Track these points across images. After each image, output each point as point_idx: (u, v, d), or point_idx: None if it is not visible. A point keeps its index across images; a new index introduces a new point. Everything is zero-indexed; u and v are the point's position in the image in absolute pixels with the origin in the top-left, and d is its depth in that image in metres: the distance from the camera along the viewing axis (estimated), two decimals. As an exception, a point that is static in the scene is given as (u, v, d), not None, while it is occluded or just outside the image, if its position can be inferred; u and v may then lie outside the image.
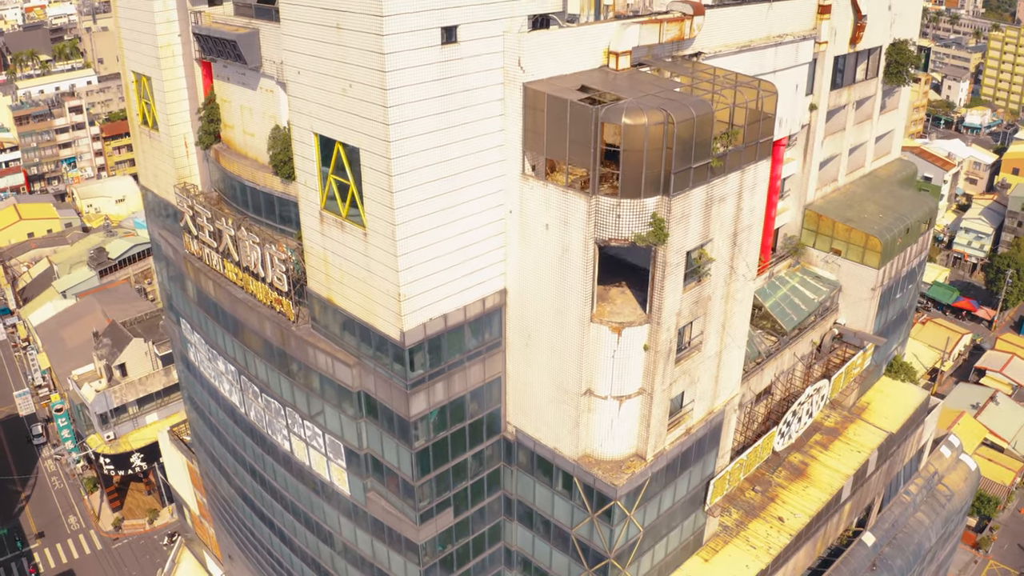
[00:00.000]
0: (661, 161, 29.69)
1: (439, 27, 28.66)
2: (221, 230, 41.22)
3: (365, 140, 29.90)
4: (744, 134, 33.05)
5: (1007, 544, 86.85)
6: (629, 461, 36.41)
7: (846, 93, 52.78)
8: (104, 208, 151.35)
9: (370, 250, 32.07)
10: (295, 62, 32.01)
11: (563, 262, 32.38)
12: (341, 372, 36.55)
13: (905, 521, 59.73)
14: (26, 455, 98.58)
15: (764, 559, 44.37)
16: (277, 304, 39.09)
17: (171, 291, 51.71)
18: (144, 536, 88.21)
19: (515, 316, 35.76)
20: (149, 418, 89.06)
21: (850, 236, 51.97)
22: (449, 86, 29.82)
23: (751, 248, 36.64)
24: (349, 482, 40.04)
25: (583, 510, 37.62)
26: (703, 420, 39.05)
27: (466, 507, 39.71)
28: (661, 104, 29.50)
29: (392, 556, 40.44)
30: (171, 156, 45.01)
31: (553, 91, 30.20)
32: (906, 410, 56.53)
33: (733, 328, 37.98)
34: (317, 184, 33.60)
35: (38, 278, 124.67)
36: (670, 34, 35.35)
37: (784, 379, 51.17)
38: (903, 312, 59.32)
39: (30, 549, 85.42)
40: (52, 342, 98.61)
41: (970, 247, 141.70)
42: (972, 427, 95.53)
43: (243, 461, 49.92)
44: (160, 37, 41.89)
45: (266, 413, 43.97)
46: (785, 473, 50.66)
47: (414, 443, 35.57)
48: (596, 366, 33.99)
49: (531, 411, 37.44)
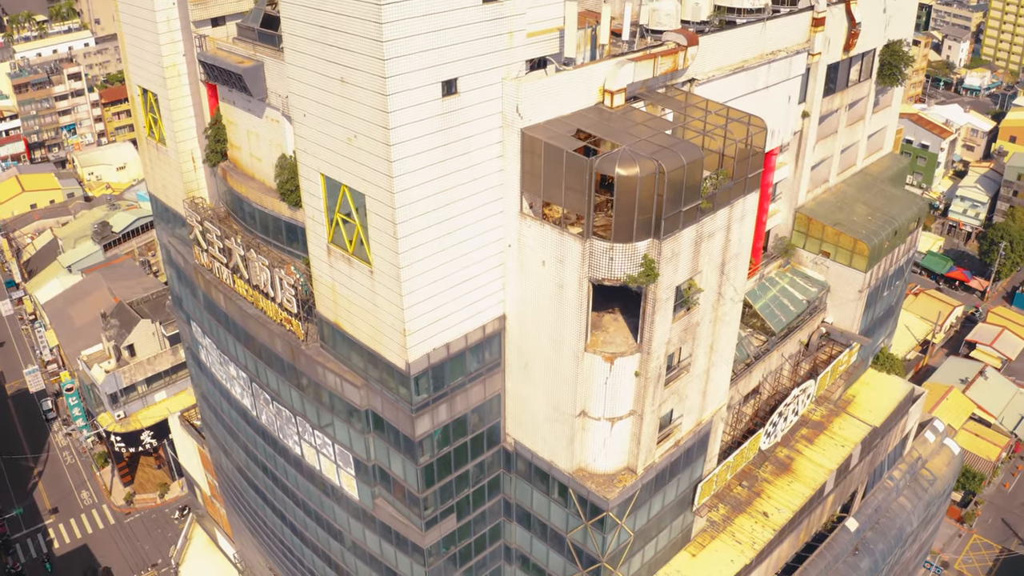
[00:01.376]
0: (652, 207, 31.24)
1: (440, 82, 29.95)
2: (231, 249, 42.82)
3: (370, 188, 31.40)
4: (733, 171, 34.49)
5: (991, 519, 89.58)
6: (621, 475, 38.63)
7: (839, 98, 53.77)
8: (105, 176, 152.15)
9: (376, 286, 33.78)
10: (301, 105, 33.30)
11: (559, 297, 34.14)
12: (349, 392, 38.54)
13: (888, 506, 62.24)
14: (38, 431, 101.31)
15: (748, 554, 46.93)
16: (287, 323, 40.91)
17: (181, 294, 53.43)
18: (155, 510, 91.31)
19: (514, 340, 37.63)
20: (158, 396, 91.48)
21: (839, 240, 53.52)
22: (450, 134, 31.21)
23: (739, 273, 38.34)
24: (358, 488, 42.34)
25: (577, 517, 39.97)
26: (691, 432, 41.21)
27: (468, 511, 42.09)
28: (653, 152, 30.92)
29: (399, 556, 42.94)
30: (179, 171, 46.31)
31: (550, 138, 31.59)
32: (890, 403, 58.62)
33: (721, 347, 39.88)
34: (324, 219, 35.14)
35: (42, 250, 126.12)
36: (664, 67, 36.54)
37: (772, 378, 53.24)
38: (890, 308, 61.16)
39: (44, 525, 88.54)
40: (60, 320, 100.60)
41: (965, 215, 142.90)
42: (960, 402, 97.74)
43: (255, 458, 52.21)
44: (165, 58, 42.84)
45: (277, 419, 46.10)
46: (771, 468, 53.00)
47: (419, 459, 37.74)
48: (590, 391, 35.98)
49: (529, 426, 39.55)
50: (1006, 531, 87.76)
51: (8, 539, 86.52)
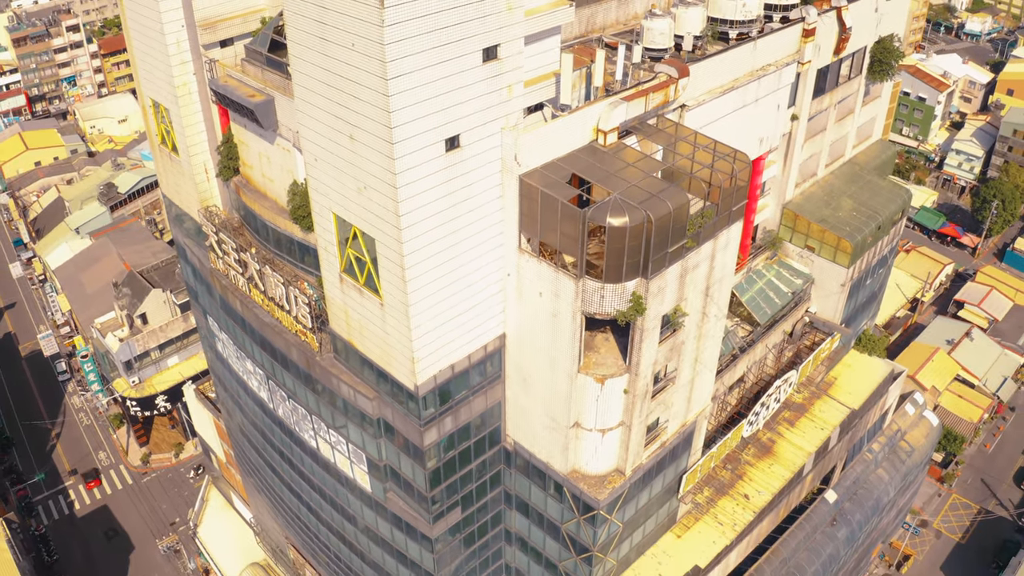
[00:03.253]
0: (641, 251, 33.84)
1: (443, 139, 32.19)
2: (246, 262, 45.41)
3: (380, 233, 33.93)
4: (718, 207, 36.89)
5: (970, 479, 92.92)
6: (611, 476, 42.14)
7: (828, 98, 55.26)
8: (107, 129, 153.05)
9: (386, 316, 36.59)
10: (312, 151, 35.54)
11: (554, 325, 36.99)
12: (362, 402, 41.73)
13: (866, 478, 65.90)
14: (53, 393, 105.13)
15: (729, 535, 50.89)
16: (302, 335, 43.81)
17: (197, 290, 56.15)
18: (171, 470, 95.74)
19: (513, 357, 40.64)
20: (171, 361, 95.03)
21: (823, 237, 55.98)
22: (453, 184, 33.59)
23: (723, 294, 41.07)
24: (370, 483, 45.92)
25: (571, 512, 43.64)
26: (677, 433, 44.58)
27: (472, 503, 45.80)
28: (642, 200, 33.32)
29: (409, 543, 46.82)
30: (192, 181, 48.52)
31: (546, 186, 33.97)
32: (870, 385, 61.77)
33: (705, 358, 42.91)
34: (336, 252, 37.71)
35: (48, 208, 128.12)
36: (655, 102, 38.58)
37: (756, 368, 56.41)
38: (873, 294, 63.97)
39: (65, 486, 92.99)
40: (72, 286, 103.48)
41: (960, 168, 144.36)
42: (946, 363, 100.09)
43: (272, 443, 55.74)
44: (176, 78, 44.54)
45: (293, 414, 49.41)
46: (753, 450, 56.61)
47: (427, 464, 41.18)
48: (583, 406, 39.16)
49: (527, 431, 42.87)
50: (985, 491, 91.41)
51: (31, 502, 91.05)
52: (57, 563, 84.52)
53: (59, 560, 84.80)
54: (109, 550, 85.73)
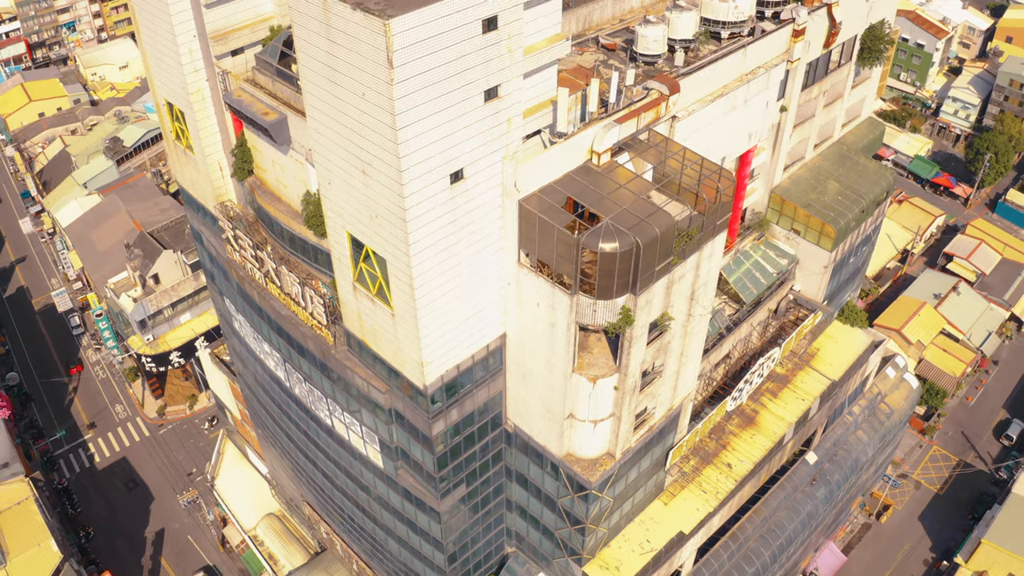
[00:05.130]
0: (630, 271, 36.88)
1: (448, 174, 34.87)
2: (263, 259, 48.38)
3: (390, 256, 36.91)
4: (703, 223, 39.69)
5: (951, 431, 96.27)
6: (602, 459, 46.09)
7: (817, 87, 56.94)
8: (108, 76, 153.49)
9: (397, 325, 39.87)
10: (327, 176, 38.22)
11: (550, 332, 40.31)
12: (375, 394, 45.34)
13: (846, 439, 69.77)
14: (69, 347, 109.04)
15: (712, 503, 55.25)
16: (317, 329, 47.12)
17: (214, 273, 59.19)
18: (186, 421, 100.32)
19: (513, 354, 44.09)
20: (183, 318, 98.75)
21: (809, 221, 58.69)
22: (458, 211, 36.42)
23: (707, 295, 44.19)
24: (383, 461, 49.93)
25: (566, 489, 47.73)
26: (664, 416, 48.35)
27: (476, 479, 49.96)
28: (631, 225, 36.16)
29: (418, 513, 51.13)
30: (208, 178, 51.02)
31: (543, 212, 36.81)
32: (851, 356, 65.23)
33: (691, 351, 46.35)
34: (349, 263, 40.73)
35: (54, 160, 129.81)
36: (647, 120, 41.04)
37: (742, 344, 59.89)
38: (856, 270, 66.94)
39: (84, 439, 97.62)
40: (83, 245, 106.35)
41: (956, 116, 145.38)
42: (932, 317, 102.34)
43: (288, 415, 59.65)
44: (190, 85, 46.47)
45: (310, 395, 53.12)
46: (737, 420, 60.59)
47: (435, 450, 45.08)
48: (576, 401, 42.80)
49: (526, 418, 46.65)
50: (965, 444, 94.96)
51: (52, 456, 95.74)
52: (81, 515, 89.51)
53: (82, 512, 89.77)
54: (130, 501, 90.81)
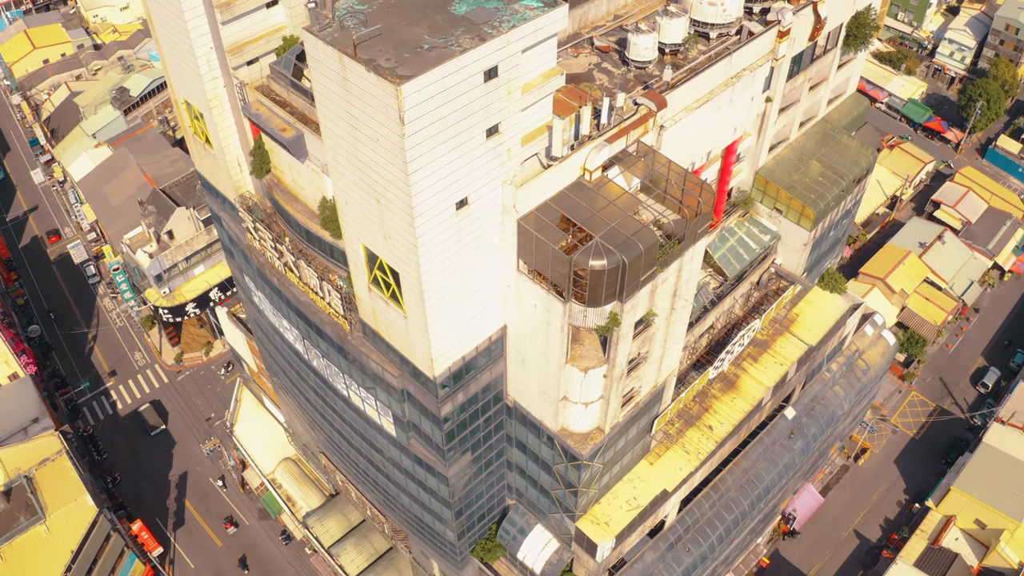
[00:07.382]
0: (617, 283, 41.23)
1: (454, 203, 38.86)
2: (282, 251, 52.54)
3: (403, 271, 41.20)
4: (684, 233, 43.77)
5: (929, 378, 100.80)
6: (593, 433, 51.38)
7: (802, 76, 59.79)
8: (110, 17, 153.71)
9: (409, 325, 44.46)
10: (344, 198, 42.15)
11: (546, 331, 44.95)
12: (389, 377, 50.27)
13: (823, 395, 74.72)
14: (86, 296, 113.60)
15: (694, 462, 60.91)
16: (335, 316, 51.69)
17: (233, 251, 63.32)
18: (203, 367, 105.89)
19: (513, 343, 48.85)
20: (197, 270, 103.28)
21: (790, 202, 62.56)
22: (463, 232, 40.54)
23: (689, 289, 48.55)
24: (396, 431, 55.26)
25: (561, 458, 53.20)
26: (649, 393, 53.43)
27: (480, 447, 55.40)
28: (619, 244, 40.29)
29: (428, 476, 56.81)
30: (227, 172, 54.65)
31: (539, 230, 40.93)
32: (829, 321, 69.80)
33: (674, 337, 51.03)
34: (364, 269, 45.02)
35: (61, 107, 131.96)
36: (636, 136, 44.65)
37: (725, 315, 64.53)
38: (836, 240, 70.98)
39: (107, 387, 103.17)
40: (96, 199, 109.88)
41: (951, 59, 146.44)
42: (916, 266, 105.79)
43: (305, 382, 64.76)
44: (208, 91, 49.68)
45: (327, 369, 58.07)
46: (720, 385, 65.74)
47: (443, 427, 50.32)
48: (569, 386, 47.79)
49: (524, 395, 51.74)
50: (943, 390, 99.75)
51: (76, 405, 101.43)
52: (106, 460, 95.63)
53: (108, 458, 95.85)
54: (153, 446, 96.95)
